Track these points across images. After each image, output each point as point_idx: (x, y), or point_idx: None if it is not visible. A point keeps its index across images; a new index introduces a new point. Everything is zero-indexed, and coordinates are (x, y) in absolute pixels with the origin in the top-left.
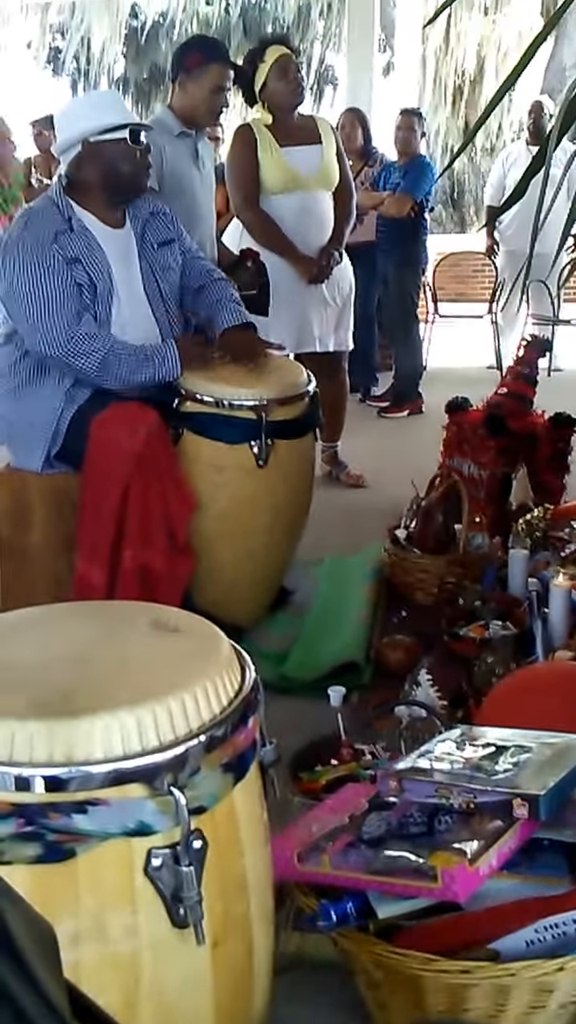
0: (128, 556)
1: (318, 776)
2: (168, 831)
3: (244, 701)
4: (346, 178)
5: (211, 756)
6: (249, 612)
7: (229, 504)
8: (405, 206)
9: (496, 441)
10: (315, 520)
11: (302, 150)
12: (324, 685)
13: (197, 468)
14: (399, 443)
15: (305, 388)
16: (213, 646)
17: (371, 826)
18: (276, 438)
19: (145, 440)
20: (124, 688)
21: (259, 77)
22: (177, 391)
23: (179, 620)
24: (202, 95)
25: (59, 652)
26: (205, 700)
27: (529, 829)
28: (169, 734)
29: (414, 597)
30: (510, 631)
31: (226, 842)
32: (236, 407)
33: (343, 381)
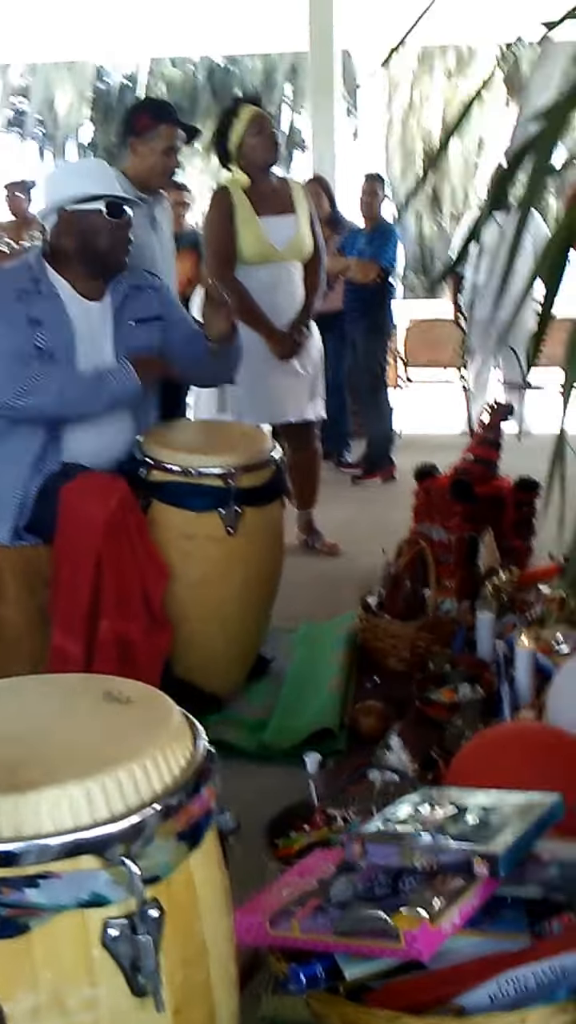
0: (105, 627)
1: (293, 842)
2: (123, 901)
3: (196, 770)
4: (319, 248)
5: (164, 826)
6: (228, 681)
7: (201, 572)
8: (371, 272)
9: (463, 506)
10: (291, 588)
11: (278, 220)
12: (301, 752)
13: (167, 537)
14: (373, 510)
15: (271, 455)
16: (164, 716)
17: (338, 890)
18: (244, 505)
19: (116, 509)
20: (74, 761)
21: (234, 135)
22: (144, 461)
23: (131, 691)
24: (154, 157)
25: (9, 726)
26: (156, 770)
27: (490, 887)
28: (120, 805)
29: (387, 663)
30: (479, 694)
31: (184, 910)
32: (203, 475)
33: (316, 450)
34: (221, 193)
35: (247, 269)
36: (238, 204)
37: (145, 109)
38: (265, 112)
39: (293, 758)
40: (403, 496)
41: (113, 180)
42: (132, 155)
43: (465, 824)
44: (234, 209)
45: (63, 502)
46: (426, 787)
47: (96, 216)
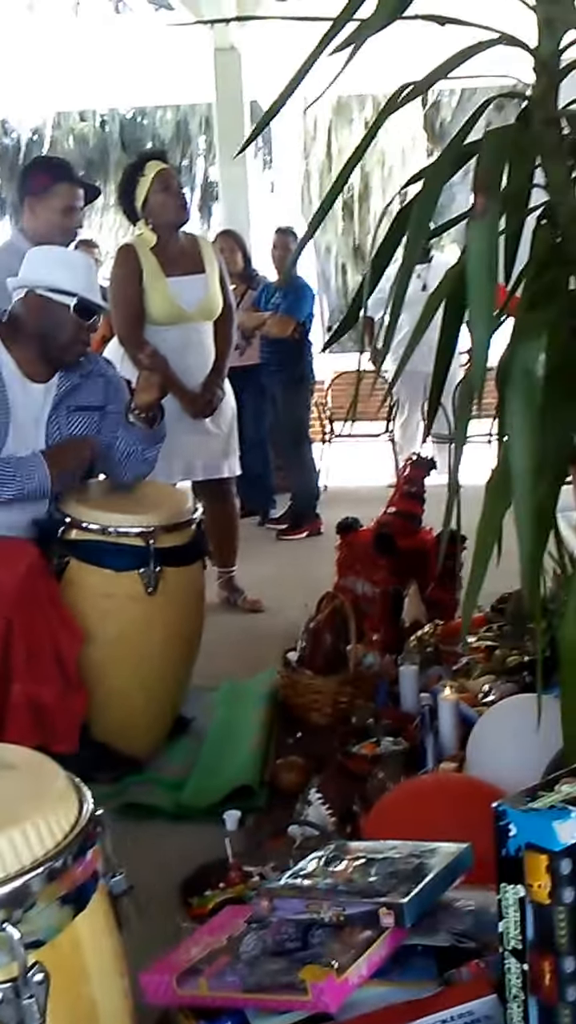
0: (17, 690)
1: (207, 901)
2: (6, 966)
3: (81, 834)
4: (228, 306)
5: (47, 890)
6: (147, 742)
7: (119, 632)
8: (288, 327)
9: (386, 559)
10: (213, 646)
11: (186, 280)
12: (221, 810)
13: (85, 596)
14: (298, 565)
15: (191, 515)
16: (48, 781)
17: (248, 945)
18: (164, 565)
19: (25, 576)
20: None
21: (140, 193)
22: (62, 520)
23: (14, 757)
24: (52, 216)
25: None
26: (37, 836)
27: (398, 937)
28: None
29: (309, 718)
30: (401, 746)
31: (71, 973)
32: (123, 534)
33: (233, 505)
34: (126, 251)
35: (156, 329)
36: (145, 264)
37: (41, 168)
38: (171, 169)
39: (212, 817)
40: (329, 550)
41: (93, 282)
42: (29, 214)
43: (374, 876)
44: (141, 269)
45: None
46: (337, 840)
47: (64, 310)
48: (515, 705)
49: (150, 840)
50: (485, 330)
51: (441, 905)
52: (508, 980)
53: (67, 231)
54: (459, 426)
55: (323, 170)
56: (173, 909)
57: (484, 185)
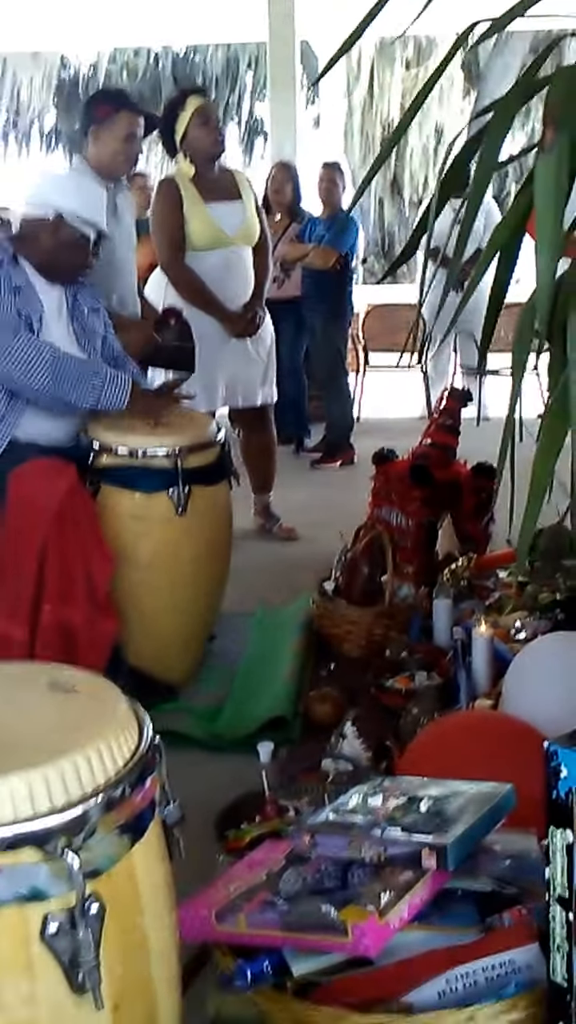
0: (47, 611)
1: (243, 834)
2: (63, 895)
3: (141, 762)
4: (264, 234)
5: (107, 818)
6: (180, 667)
7: (152, 554)
8: (330, 258)
9: (421, 491)
10: (248, 573)
11: (225, 206)
12: (255, 741)
13: (117, 520)
14: (332, 494)
15: (215, 436)
16: (109, 706)
17: (287, 883)
18: (192, 484)
19: (65, 494)
20: (16, 752)
21: (179, 126)
22: (91, 446)
23: (77, 681)
24: (115, 144)
25: None
26: (99, 762)
27: (439, 879)
28: (62, 797)
29: (343, 649)
30: (435, 681)
31: (125, 905)
32: (151, 456)
33: (271, 433)
34: (167, 183)
35: (197, 255)
36: (185, 193)
37: (104, 98)
38: (210, 103)
39: (246, 747)
40: (362, 480)
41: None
42: (93, 143)
43: (416, 815)
44: (182, 199)
45: (11, 487)
46: (378, 776)
47: (82, 239)
48: (553, 644)
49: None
50: (551, 258)
51: (481, 848)
52: (552, 929)
53: (129, 157)
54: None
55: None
56: (208, 841)
57: (554, 119)
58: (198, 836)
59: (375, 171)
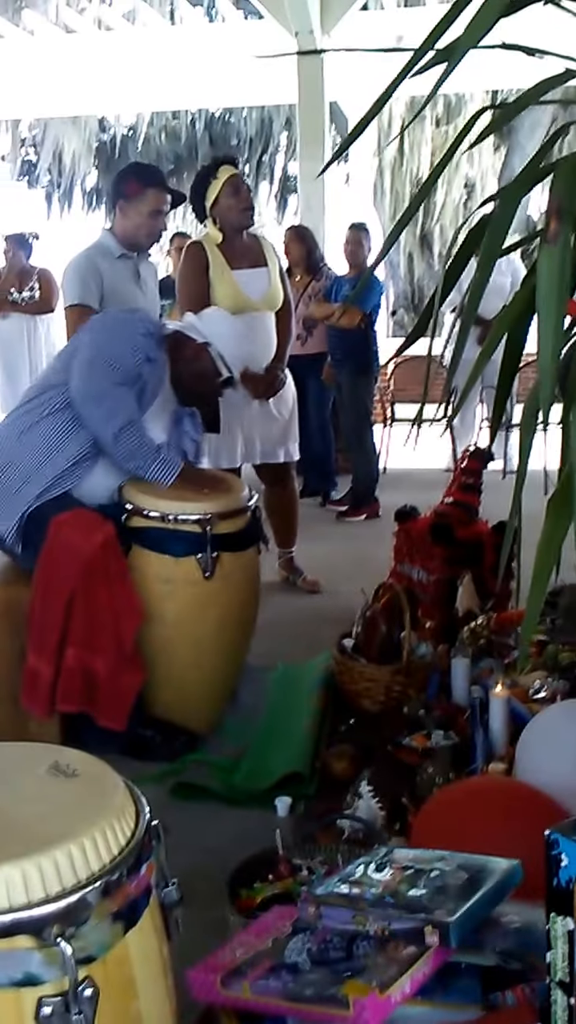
0: (70, 654)
1: (255, 893)
2: (57, 980)
3: (137, 848)
4: (288, 299)
5: (101, 906)
6: (203, 720)
7: (178, 614)
8: (355, 318)
9: (442, 549)
10: (271, 625)
11: (251, 272)
12: (272, 796)
13: (146, 580)
14: (357, 546)
15: (247, 502)
16: (108, 792)
17: (292, 951)
18: (221, 550)
19: (99, 547)
20: (11, 838)
21: (210, 194)
22: (124, 507)
23: (78, 763)
24: (140, 219)
25: None
26: (94, 850)
27: (442, 956)
28: (56, 886)
29: (361, 705)
30: (452, 740)
31: (119, 987)
32: (181, 521)
33: (292, 489)
34: (195, 247)
35: None
36: (212, 258)
37: (133, 174)
38: (241, 174)
39: (264, 801)
40: (387, 533)
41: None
42: (120, 216)
43: (421, 889)
44: (208, 263)
45: (51, 531)
46: (386, 846)
47: (217, 375)
48: (566, 709)
49: (201, 822)
50: (552, 352)
51: (487, 920)
52: (554, 1012)
53: (152, 232)
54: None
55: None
56: (221, 897)
57: (557, 210)
58: (211, 889)
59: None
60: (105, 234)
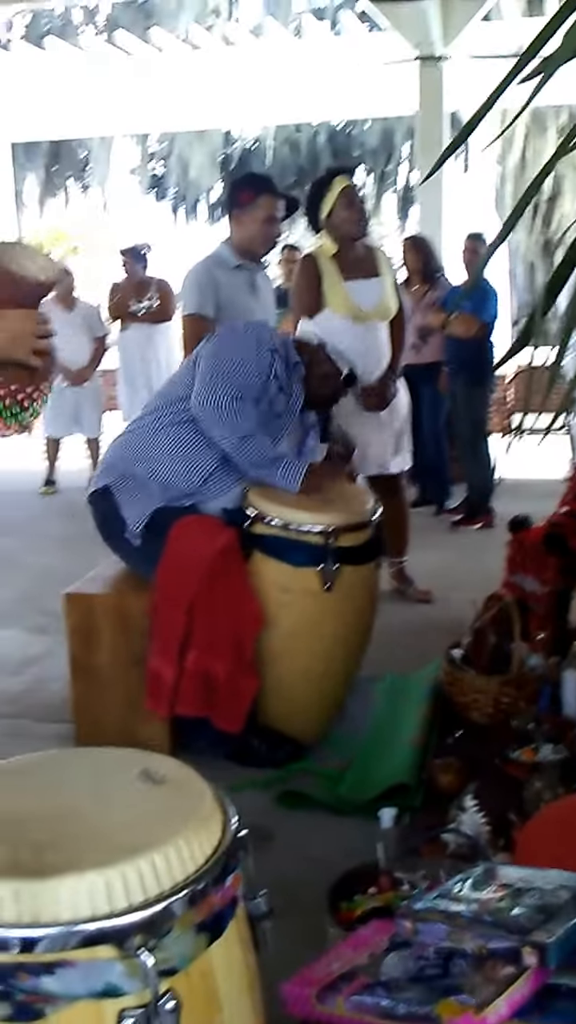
0: (192, 657)
1: (355, 906)
2: (139, 992)
3: (223, 859)
4: (401, 309)
5: (184, 917)
6: (312, 731)
7: (294, 624)
8: (472, 327)
9: (556, 559)
10: (380, 635)
11: (363, 283)
12: (377, 807)
13: (264, 587)
14: (470, 556)
15: (371, 516)
16: (195, 800)
17: (388, 967)
18: (342, 563)
19: (218, 553)
20: (97, 847)
21: (325, 205)
22: (247, 512)
23: (168, 771)
24: (255, 227)
25: (45, 804)
26: (178, 860)
27: (541, 977)
28: (139, 895)
29: (470, 717)
30: (561, 754)
31: (203, 1000)
32: (304, 532)
33: (404, 499)
34: (308, 260)
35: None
36: (325, 269)
37: (246, 183)
38: (355, 185)
39: (369, 812)
40: (500, 543)
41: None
42: (235, 226)
43: (521, 908)
44: (321, 275)
45: (173, 534)
46: (488, 863)
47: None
48: None
49: (305, 831)
50: None
51: None
52: None
53: (267, 239)
54: None
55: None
56: (321, 907)
57: None
58: (312, 898)
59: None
60: (222, 245)
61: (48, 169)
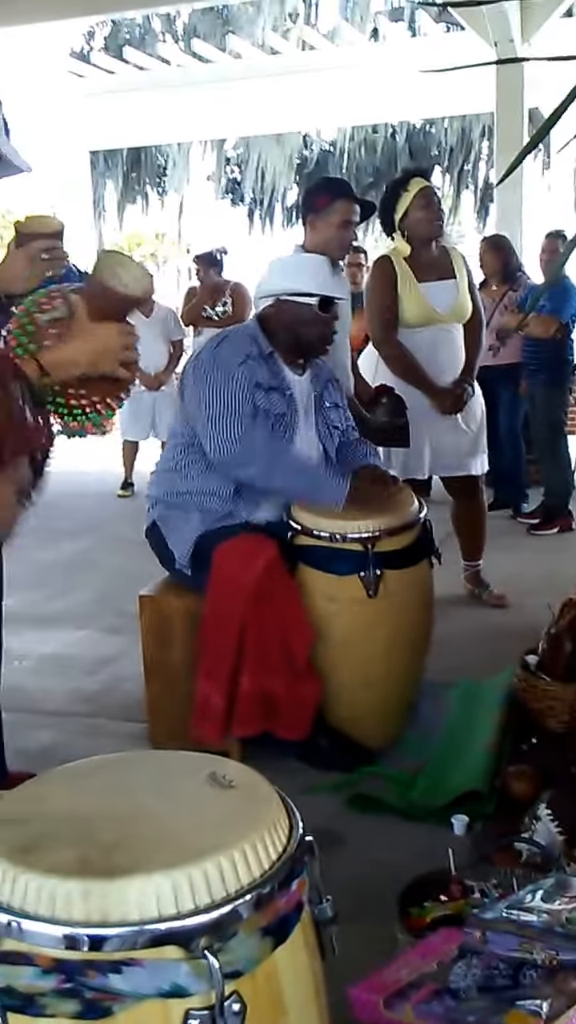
0: (247, 681)
1: (426, 913)
2: (204, 994)
3: (288, 864)
4: (477, 311)
5: (250, 921)
6: (379, 733)
7: (344, 633)
8: (551, 327)
9: None
10: (454, 640)
11: (438, 285)
12: (449, 813)
13: (312, 598)
14: (547, 560)
15: (416, 517)
16: (261, 805)
17: (457, 975)
18: (384, 568)
19: (262, 572)
20: (165, 848)
21: (400, 207)
22: (291, 525)
23: (236, 775)
24: (330, 231)
25: (114, 805)
26: (244, 864)
27: None
28: (205, 897)
29: (545, 724)
30: None
31: (268, 1004)
32: (345, 540)
33: (481, 502)
34: (383, 262)
35: (409, 332)
36: (400, 271)
37: (322, 188)
38: (432, 187)
39: (440, 818)
40: None
41: (328, 279)
42: (311, 231)
43: None
44: (396, 277)
45: (215, 561)
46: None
47: (308, 309)
48: None
49: (375, 835)
50: None
51: None
52: None
53: (343, 244)
54: None
55: None
56: (391, 913)
57: None
58: (381, 903)
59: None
60: (297, 249)
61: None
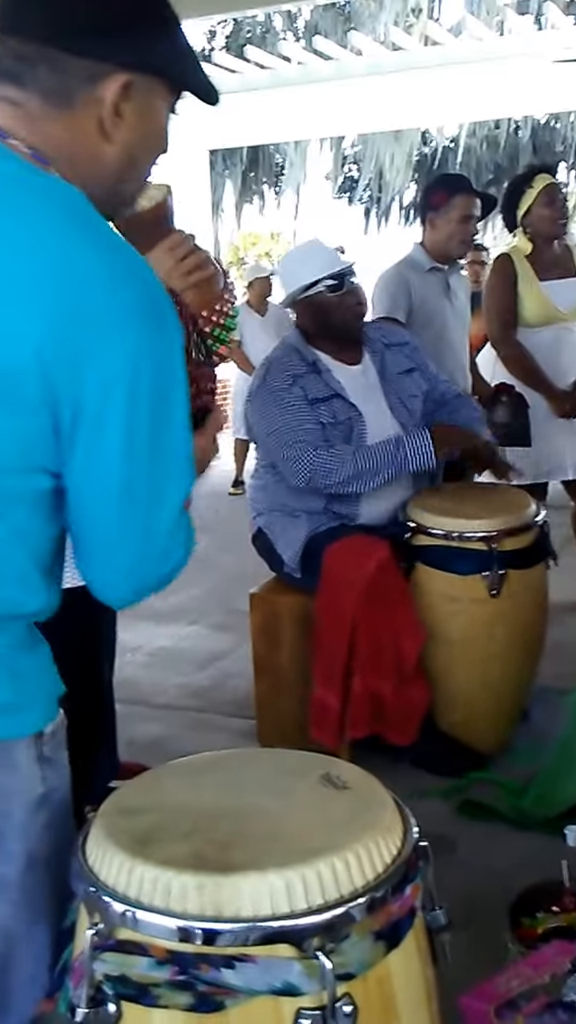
0: (358, 682)
1: (537, 924)
2: (316, 994)
3: (402, 868)
4: None
5: (362, 924)
6: (491, 738)
7: (464, 632)
8: None
9: None
10: (570, 646)
11: (560, 283)
12: (562, 824)
13: (430, 597)
14: None
15: (534, 518)
16: (376, 808)
17: (571, 989)
18: (508, 568)
19: (374, 573)
20: (279, 846)
21: (523, 203)
22: (408, 525)
23: (349, 776)
24: (450, 227)
25: (229, 802)
26: (358, 866)
27: None
28: (318, 898)
29: None
30: None
31: (380, 1008)
32: (466, 539)
33: None
34: (503, 260)
35: (529, 331)
36: (520, 269)
37: (440, 184)
38: (559, 183)
39: (554, 828)
40: None
41: (329, 255)
42: (430, 229)
43: None
44: (516, 275)
45: (326, 563)
46: None
47: (322, 297)
48: None
49: (486, 842)
50: None
51: None
52: None
53: (464, 239)
54: None
55: None
56: (501, 922)
57: None
58: (492, 912)
59: None
60: (416, 248)
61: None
